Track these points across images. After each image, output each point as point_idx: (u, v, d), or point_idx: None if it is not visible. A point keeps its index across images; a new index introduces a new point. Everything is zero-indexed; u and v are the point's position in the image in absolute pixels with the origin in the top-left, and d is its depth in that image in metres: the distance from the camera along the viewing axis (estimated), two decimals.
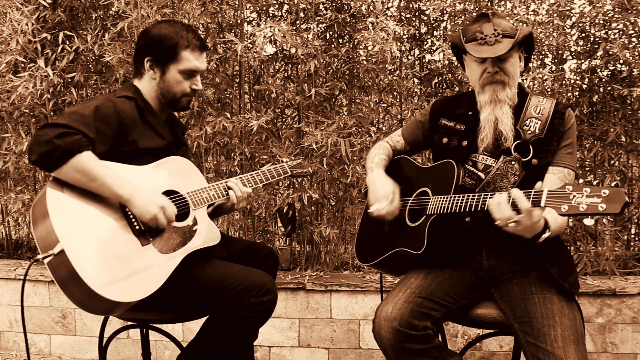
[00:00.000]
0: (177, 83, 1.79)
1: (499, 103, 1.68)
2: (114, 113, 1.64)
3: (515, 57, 1.70)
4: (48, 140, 1.46)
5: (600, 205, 1.24)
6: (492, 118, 1.68)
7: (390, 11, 3.14)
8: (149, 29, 1.81)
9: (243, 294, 1.67)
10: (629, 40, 2.77)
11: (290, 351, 2.83)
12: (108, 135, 1.62)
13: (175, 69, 1.78)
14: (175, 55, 1.76)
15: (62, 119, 1.52)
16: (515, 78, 1.70)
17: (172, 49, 1.76)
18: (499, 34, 1.64)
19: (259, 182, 1.97)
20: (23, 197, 3.03)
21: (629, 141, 2.88)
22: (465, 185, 1.72)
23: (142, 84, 1.83)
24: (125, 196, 1.55)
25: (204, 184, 1.84)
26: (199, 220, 1.76)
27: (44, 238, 1.45)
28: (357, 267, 3.08)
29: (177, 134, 1.93)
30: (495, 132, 1.70)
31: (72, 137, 1.49)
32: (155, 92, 1.82)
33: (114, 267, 1.49)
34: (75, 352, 2.95)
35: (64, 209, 1.49)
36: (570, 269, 1.66)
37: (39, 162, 1.49)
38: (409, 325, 1.53)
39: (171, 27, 1.77)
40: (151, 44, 1.77)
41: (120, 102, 1.70)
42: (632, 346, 2.63)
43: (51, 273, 1.46)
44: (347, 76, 3.14)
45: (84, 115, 1.56)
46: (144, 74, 1.81)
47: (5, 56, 2.83)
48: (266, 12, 3.25)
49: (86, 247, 1.46)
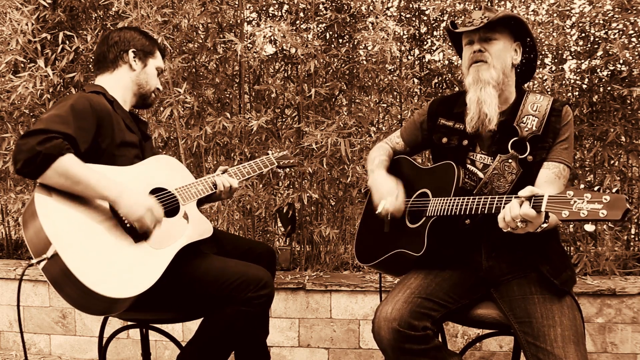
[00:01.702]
0: (153, 77, 1.92)
1: (480, 83, 1.68)
2: (89, 108, 1.65)
3: (502, 42, 1.69)
4: (29, 148, 1.46)
5: (601, 212, 1.23)
6: (475, 98, 1.68)
7: (390, 11, 3.14)
8: (124, 28, 1.93)
9: (240, 288, 1.68)
10: (629, 40, 2.77)
11: (290, 351, 2.83)
12: (89, 130, 1.63)
13: (153, 64, 1.92)
14: (153, 52, 1.93)
15: (40, 124, 1.52)
16: (500, 61, 1.69)
17: (151, 46, 1.92)
18: (486, 17, 1.68)
19: (245, 175, 2.04)
20: (23, 197, 3.03)
21: (629, 141, 2.88)
22: (465, 187, 1.72)
23: (112, 78, 1.86)
24: (112, 197, 1.55)
25: (191, 179, 1.89)
26: (190, 215, 1.79)
27: (36, 242, 1.45)
28: (357, 267, 3.08)
29: (141, 129, 1.97)
30: (480, 113, 1.69)
31: (52, 142, 1.48)
32: (131, 83, 1.87)
33: (108, 264, 1.50)
34: (75, 352, 2.95)
35: (54, 212, 1.49)
36: (564, 266, 1.65)
37: (22, 170, 1.48)
38: (409, 326, 1.53)
39: (140, 32, 1.94)
40: (133, 39, 1.88)
41: (92, 96, 1.72)
42: (632, 346, 2.63)
43: (46, 277, 1.46)
44: (347, 76, 3.14)
45: (60, 115, 1.57)
46: (120, 66, 1.86)
47: (5, 56, 2.83)
48: (266, 12, 3.25)
49: (79, 247, 1.46)
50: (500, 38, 1.70)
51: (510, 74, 1.74)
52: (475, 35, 1.71)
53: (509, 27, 1.71)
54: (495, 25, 1.67)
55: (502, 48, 1.70)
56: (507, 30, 1.71)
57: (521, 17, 1.72)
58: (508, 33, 1.71)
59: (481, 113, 1.68)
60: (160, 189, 1.76)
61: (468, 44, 1.74)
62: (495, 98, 1.68)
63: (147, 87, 1.90)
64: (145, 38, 1.91)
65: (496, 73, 1.68)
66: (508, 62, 1.72)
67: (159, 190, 1.75)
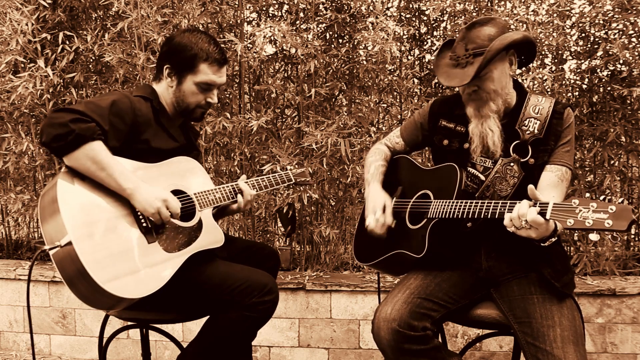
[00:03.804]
0: (192, 94, 1.79)
1: (481, 118, 1.67)
2: (129, 110, 1.65)
3: (498, 69, 1.62)
4: (63, 123, 1.46)
5: (607, 222, 1.23)
6: (478, 132, 1.68)
7: (390, 11, 3.14)
8: (173, 35, 1.81)
9: (245, 294, 1.67)
10: (629, 40, 2.77)
11: (290, 351, 2.83)
12: (121, 131, 1.62)
13: (192, 80, 1.77)
14: (193, 67, 1.76)
15: (79, 106, 1.52)
16: (499, 89, 1.65)
17: (190, 60, 1.75)
18: (470, 54, 1.60)
19: (263, 188, 2.00)
20: (23, 197, 3.03)
21: (629, 141, 2.88)
22: (467, 190, 1.71)
23: (160, 88, 1.84)
24: (129, 190, 1.56)
25: (210, 185, 1.85)
26: (204, 222, 1.77)
27: (52, 229, 1.46)
28: (357, 267, 3.08)
29: (190, 139, 1.94)
30: (484, 145, 1.68)
31: (87, 124, 1.49)
32: (170, 99, 1.83)
33: (120, 262, 1.50)
34: (75, 352, 2.95)
35: (74, 202, 1.50)
36: (565, 269, 1.65)
37: (50, 144, 1.48)
38: (408, 326, 1.53)
39: (194, 38, 1.76)
40: (172, 51, 1.77)
41: (136, 100, 1.71)
42: (632, 346, 2.63)
43: (56, 265, 1.46)
44: (347, 76, 3.14)
45: (100, 106, 1.56)
46: (162, 79, 1.82)
47: (5, 56, 2.83)
48: (266, 12, 3.25)
49: (94, 241, 1.47)
50: (494, 67, 1.62)
51: (508, 84, 1.70)
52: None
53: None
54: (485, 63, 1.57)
55: (496, 75, 1.63)
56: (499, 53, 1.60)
57: (508, 41, 1.58)
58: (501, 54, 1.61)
59: (485, 144, 1.68)
60: (180, 191, 1.75)
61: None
62: (498, 126, 1.66)
63: (184, 105, 1.81)
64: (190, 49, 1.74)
65: (495, 104, 1.66)
66: (505, 81, 1.67)
67: (178, 192, 1.74)
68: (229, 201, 1.87)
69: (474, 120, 1.69)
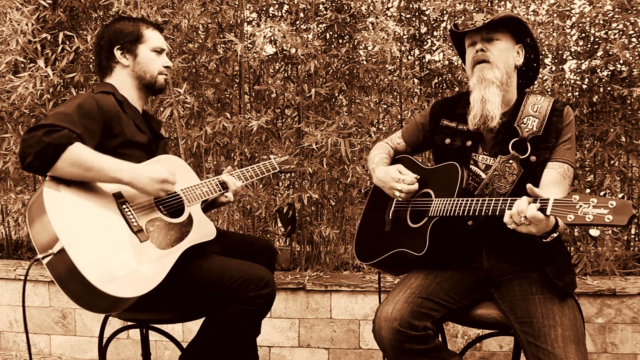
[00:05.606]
0: (151, 61, 1.87)
1: (485, 82, 1.70)
2: (97, 108, 1.66)
3: (504, 42, 1.72)
4: (38, 140, 1.46)
5: (607, 217, 1.23)
6: (479, 97, 1.70)
7: (390, 11, 3.14)
8: (104, 28, 1.89)
9: (242, 288, 1.68)
10: (629, 41, 2.77)
11: (290, 351, 2.83)
12: (95, 131, 1.63)
13: (145, 48, 1.86)
14: (140, 37, 1.86)
15: (47, 120, 1.52)
16: (503, 60, 1.71)
17: (135, 33, 1.85)
18: (487, 18, 1.70)
19: (249, 178, 2.06)
20: (23, 197, 3.03)
21: (629, 141, 2.88)
22: (468, 188, 1.72)
23: (115, 79, 1.86)
24: (126, 179, 1.57)
25: (196, 180, 1.89)
26: (194, 216, 1.79)
27: (43, 238, 1.45)
28: (357, 267, 3.08)
29: (154, 129, 1.96)
30: (484, 111, 1.70)
31: (60, 133, 1.49)
32: (131, 79, 1.86)
33: (114, 263, 1.50)
34: (75, 352, 2.95)
35: (62, 208, 1.49)
36: (567, 269, 1.66)
37: (33, 163, 1.48)
38: (409, 326, 1.53)
39: (123, 20, 1.88)
40: (114, 35, 1.84)
41: (100, 97, 1.72)
42: (632, 346, 2.63)
43: (50, 273, 1.46)
44: (347, 76, 3.14)
45: (67, 113, 1.57)
46: (114, 67, 1.86)
47: (5, 56, 2.83)
48: (266, 12, 3.25)
49: (86, 245, 1.46)
50: (502, 38, 1.72)
51: (512, 75, 1.76)
52: (477, 36, 1.73)
53: (510, 29, 1.73)
54: (496, 26, 1.70)
55: (504, 48, 1.72)
56: (508, 31, 1.73)
57: (521, 17, 1.75)
58: (509, 34, 1.74)
59: (484, 111, 1.69)
60: None
61: (471, 45, 1.77)
62: (498, 97, 1.69)
63: (147, 76, 1.87)
64: (128, 25, 1.86)
65: (499, 73, 1.70)
66: (511, 62, 1.74)
67: None
68: (216, 194, 1.91)
69: (477, 87, 1.71)
